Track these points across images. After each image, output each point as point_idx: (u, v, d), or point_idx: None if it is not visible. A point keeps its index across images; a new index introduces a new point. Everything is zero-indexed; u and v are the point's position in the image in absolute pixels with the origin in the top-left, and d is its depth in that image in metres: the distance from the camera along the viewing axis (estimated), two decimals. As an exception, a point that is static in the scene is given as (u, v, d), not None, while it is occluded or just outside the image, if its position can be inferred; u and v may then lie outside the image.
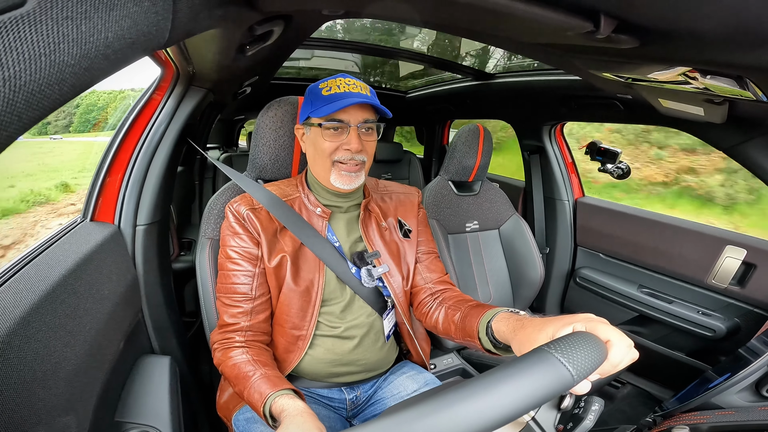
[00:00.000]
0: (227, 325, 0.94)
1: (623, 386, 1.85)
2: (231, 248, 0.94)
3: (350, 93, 0.88)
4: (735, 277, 1.50)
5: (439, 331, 0.98)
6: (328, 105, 0.87)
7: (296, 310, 0.95)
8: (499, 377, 0.41)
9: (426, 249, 1.11)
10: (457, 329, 0.89)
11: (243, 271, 0.94)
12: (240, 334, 0.93)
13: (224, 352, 0.92)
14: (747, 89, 0.82)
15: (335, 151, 0.90)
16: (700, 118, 1.17)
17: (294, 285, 0.94)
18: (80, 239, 0.95)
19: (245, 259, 0.94)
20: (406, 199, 1.13)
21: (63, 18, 0.32)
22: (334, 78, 0.91)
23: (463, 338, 0.87)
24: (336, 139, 0.89)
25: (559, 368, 0.42)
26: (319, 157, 0.93)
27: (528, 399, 0.40)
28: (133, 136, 1.15)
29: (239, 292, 0.93)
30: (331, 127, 0.88)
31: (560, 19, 0.67)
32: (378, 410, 1.02)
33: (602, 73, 1.08)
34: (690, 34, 0.65)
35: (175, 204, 1.94)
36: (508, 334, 0.70)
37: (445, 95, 2.57)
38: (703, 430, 0.70)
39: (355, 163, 0.91)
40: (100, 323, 0.85)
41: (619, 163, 1.91)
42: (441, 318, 0.98)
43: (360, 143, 0.89)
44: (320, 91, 0.90)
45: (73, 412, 0.70)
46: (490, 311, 0.81)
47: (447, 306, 0.98)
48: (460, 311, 0.91)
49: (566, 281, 2.16)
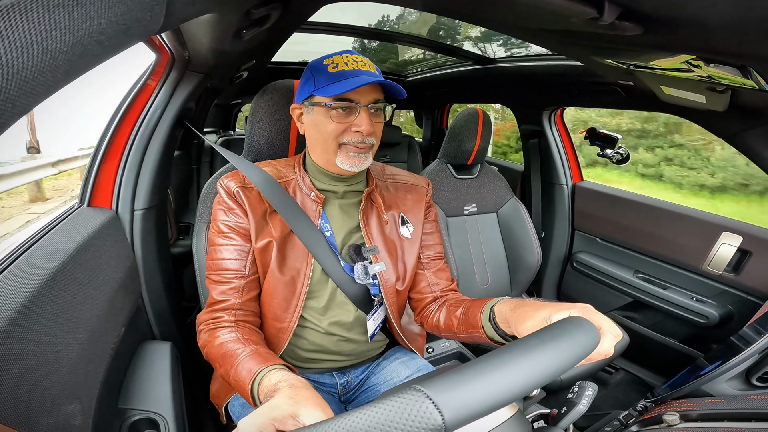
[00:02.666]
0: (216, 302, 0.88)
1: (616, 372, 1.88)
2: (223, 222, 0.89)
3: (359, 71, 0.81)
4: (730, 264, 1.51)
5: (441, 329, 0.96)
6: (336, 83, 0.80)
7: (279, 301, 0.90)
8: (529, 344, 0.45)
9: (434, 254, 1.06)
10: (460, 323, 0.89)
11: (236, 246, 0.89)
12: (230, 313, 0.87)
13: (211, 332, 0.85)
14: (750, 78, 0.81)
15: (343, 133, 0.84)
16: (702, 105, 1.17)
17: (279, 274, 0.89)
18: (78, 225, 0.94)
19: (239, 234, 0.89)
20: (414, 191, 1.06)
21: (55, 5, 0.31)
22: (340, 54, 0.84)
23: (467, 330, 0.86)
24: (344, 120, 0.83)
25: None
26: (323, 139, 0.86)
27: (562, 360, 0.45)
28: (129, 122, 1.13)
29: (230, 269, 0.88)
30: (339, 107, 0.81)
31: (564, 5, 0.66)
32: (371, 397, 1.00)
33: (604, 60, 1.07)
34: (695, 22, 0.64)
35: (173, 188, 1.93)
36: (508, 313, 0.72)
37: (445, 79, 2.54)
38: (693, 417, 0.71)
39: (364, 145, 0.85)
40: (101, 309, 0.85)
41: (618, 148, 1.91)
42: (443, 317, 0.96)
43: (370, 124, 0.83)
44: (326, 68, 0.82)
45: (78, 400, 0.69)
46: (490, 301, 0.81)
47: (449, 305, 0.97)
48: (462, 306, 0.91)
49: (563, 266, 2.18)
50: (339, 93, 0.78)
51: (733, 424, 0.66)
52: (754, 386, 0.76)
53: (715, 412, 0.69)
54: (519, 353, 0.43)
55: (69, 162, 5.96)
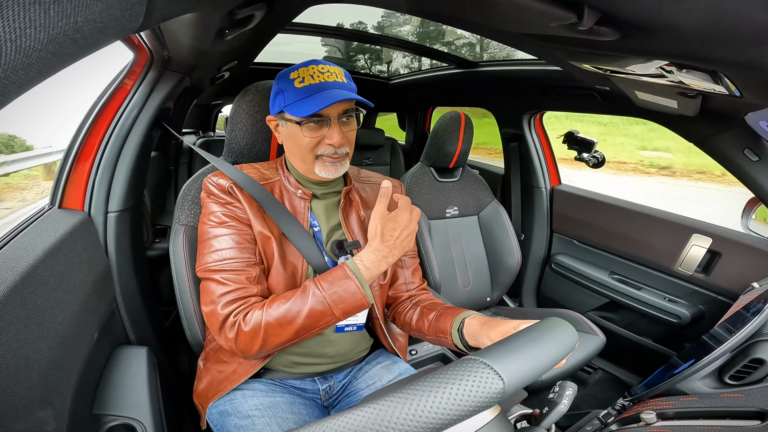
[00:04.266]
0: (232, 291, 0.81)
1: (595, 371, 1.93)
2: (222, 213, 0.86)
3: (326, 83, 0.83)
4: (700, 265, 1.56)
5: (412, 328, 1.01)
6: (304, 100, 0.82)
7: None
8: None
9: (411, 252, 1.11)
10: (431, 327, 0.94)
11: (242, 233, 0.85)
12: (257, 299, 0.83)
13: (243, 318, 0.79)
14: (720, 83, 0.84)
15: (317, 146, 0.88)
16: (674, 110, 1.21)
17: (282, 268, 0.89)
18: (49, 227, 0.91)
19: (241, 222, 0.86)
20: None
21: (31, 3, 0.30)
22: (306, 66, 0.85)
23: (435, 335, 0.92)
24: (317, 133, 0.86)
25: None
26: (300, 151, 0.89)
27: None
28: (104, 121, 1.10)
29: (239, 258, 0.84)
30: (310, 122, 0.85)
31: (545, 10, 0.68)
32: (354, 402, 1.01)
33: (582, 65, 1.09)
34: (669, 28, 0.66)
35: (149, 190, 1.88)
36: (477, 327, 0.81)
37: (428, 82, 2.56)
38: (669, 415, 0.74)
39: (338, 155, 0.89)
40: (73, 314, 0.83)
41: (594, 152, 1.97)
42: (415, 317, 1.01)
43: (342, 137, 0.86)
44: (292, 83, 0.84)
45: (50, 406, 0.68)
46: (464, 312, 0.89)
47: (422, 306, 1.02)
48: (435, 311, 0.96)
49: (542, 267, 2.22)
50: (307, 114, 0.81)
51: (707, 422, 0.68)
52: (726, 384, 0.79)
53: (690, 411, 0.72)
54: (553, 326, 0.51)
55: (16, 164, 5.62)
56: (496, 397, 0.38)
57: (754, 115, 1.07)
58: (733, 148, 1.26)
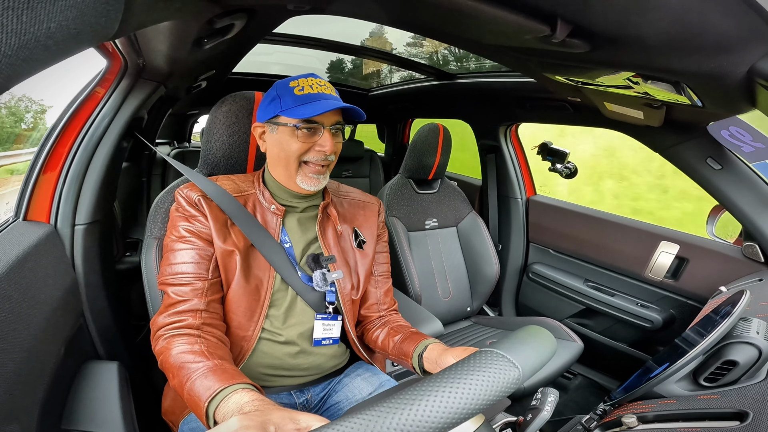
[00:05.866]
0: (177, 303, 0.82)
1: (574, 377, 1.96)
2: (184, 228, 0.87)
3: (323, 95, 0.87)
4: (669, 271, 1.61)
5: (377, 346, 1.04)
6: (304, 106, 0.85)
7: (244, 309, 0.90)
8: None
9: (384, 270, 1.13)
10: (395, 348, 0.98)
11: (198, 249, 0.87)
12: (194, 315, 0.82)
13: (170, 339, 0.79)
14: (683, 94, 0.89)
15: (307, 152, 0.89)
16: (640, 121, 1.26)
17: (244, 282, 0.89)
18: (12, 240, 0.88)
19: (200, 239, 0.87)
20: (366, 209, 1.12)
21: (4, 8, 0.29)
22: (305, 77, 0.89)
23: (398, 356, 0.97)
24: (309, 140, 0.88)
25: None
26: (286, 157, 0.90)
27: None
28: (73, 130, 1.07)
29: (191, 273, 0.85)
30: (305, 128, 0.86)
31: (521, 22, 0.71)
32: (335, 415, 0.99)
33: (555, 76, 1.13)
34: (635, 39, 0.70)
35: (120, 202, 1.82)
36: (436, 354, 0.86)
37: (408, 94, 2.59)
38: (649, 418, 0.75)
39: (325, 163, 0.91)
40: (38, 329, 0.81)
41: (567, 163, 2.03)
42: (382, 336, 1.04)
43: (333, 144, 0.89)
44: (292, 90, 0.87)
45: (17, 421, 0.67)
46: (428, 339, 0.93)
47: (390, 327, 1.05)
48: (401, 334, 1.00)
49: (520, 277, 2.25)
50: (308, 116, 0.83)
51: (687, 424, 0.70)
52: (702, 386, 0.81)
53: (669, 413, 0.74)
54: (537, 329, 0.55)
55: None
56: (514, 383, 0.43)
57: (716, 125, 1.12)
58: (696, 157, 1.31)
